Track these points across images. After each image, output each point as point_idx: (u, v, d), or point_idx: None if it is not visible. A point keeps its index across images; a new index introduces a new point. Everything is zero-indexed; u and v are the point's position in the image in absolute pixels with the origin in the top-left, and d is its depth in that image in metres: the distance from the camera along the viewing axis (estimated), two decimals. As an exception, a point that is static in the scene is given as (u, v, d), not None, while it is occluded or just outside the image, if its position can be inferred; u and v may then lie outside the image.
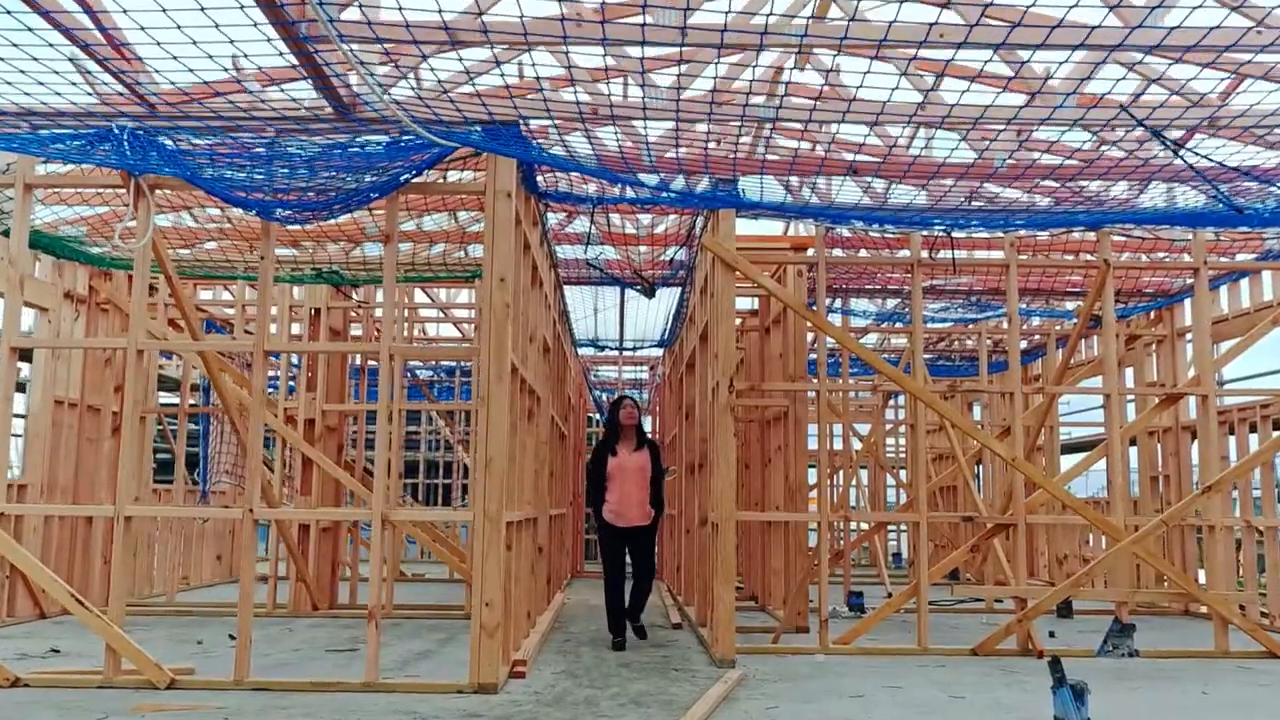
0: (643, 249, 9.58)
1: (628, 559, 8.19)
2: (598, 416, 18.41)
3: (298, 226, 6.51)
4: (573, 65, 5.70)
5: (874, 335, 14.57)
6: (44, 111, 6.00)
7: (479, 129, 6.03)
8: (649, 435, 8.33)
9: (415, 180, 6.21)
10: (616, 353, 15.70)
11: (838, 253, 9.14)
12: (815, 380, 8.13)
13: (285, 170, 6.12)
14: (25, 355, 10.13)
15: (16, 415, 10.42)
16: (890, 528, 18.98)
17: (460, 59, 5.71)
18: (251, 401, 6.12)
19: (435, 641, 8.11)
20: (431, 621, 9.43)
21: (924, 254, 8.25)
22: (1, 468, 6.11)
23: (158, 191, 6.36)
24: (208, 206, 8.72)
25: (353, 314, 10.86)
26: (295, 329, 10.67)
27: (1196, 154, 5.93)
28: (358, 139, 6.17)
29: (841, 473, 12.65)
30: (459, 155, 6.72)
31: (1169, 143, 6.04)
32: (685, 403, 11.16)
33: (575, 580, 14.89)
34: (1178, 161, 6.62)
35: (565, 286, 11.63)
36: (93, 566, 9.93)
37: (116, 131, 5.94)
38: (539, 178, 7.27)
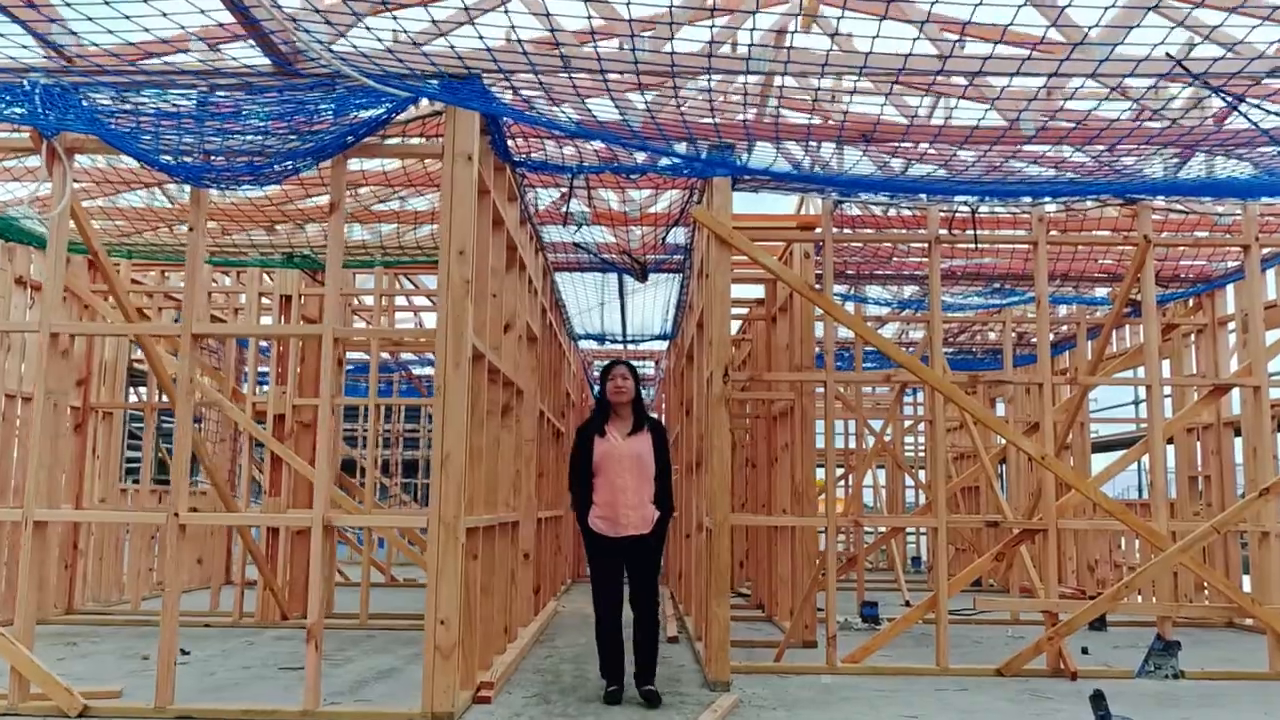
0: (639, 230, 8.83)
1: (626, 582, 6.05)
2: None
3: (229, 191, 5.79)
4: (555, 26, 4.99)
5: (892, 327, 13.78)
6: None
7: (434, 82, 5.32)
8: (652, 414, 6.50)
9: (364, 141, 5.49)
10: (620, 346, 14.97)
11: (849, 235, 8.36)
12: (821, 371, 7.35)
13: (215, 131, 5.41)
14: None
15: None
16: (909, 530, 18.15)
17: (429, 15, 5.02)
18: (177, 392, 5.42)
19: (404, 658, 7.39)
20: (410, 633, 8.71)
21: (942, 232, 7.46)
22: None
23: (77, 160, 5.73)
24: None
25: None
26: (267, 320, 9.99)
27: (1262, 109, 5.13)
28: (299, 96, 5.46)
29: (853, 473, 11.85)
30: (421, 117, 6.01)
31: (1228, 97, 5.26)
32: (686, 397, 10.41)
33: (576, 584, 14.17)
34: (1230, 125, 5.85)
35: (563, 276, 10.94)
36: (50, 573, 9.27)
37: (28, 87, 5.28)
38: (511, 143, 6.55)
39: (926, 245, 7.37)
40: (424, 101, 5.88)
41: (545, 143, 7.12)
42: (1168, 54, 5.13)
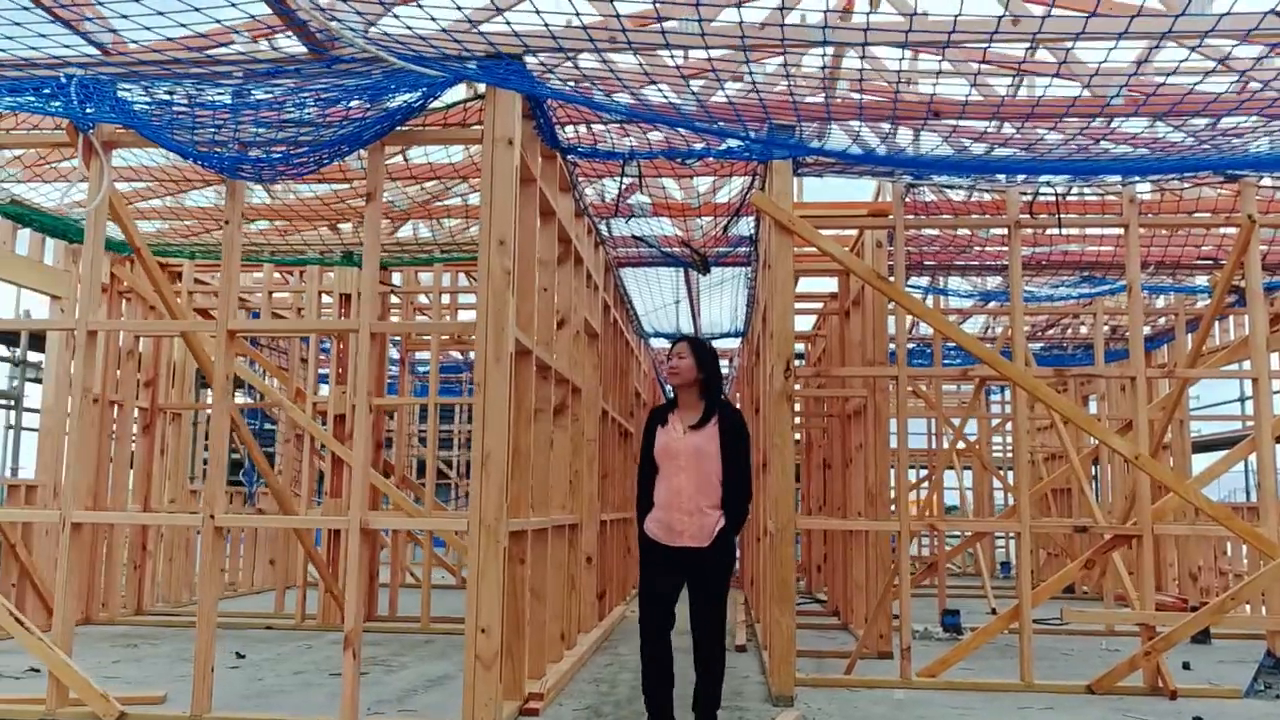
0: (702, 222, 8.49)
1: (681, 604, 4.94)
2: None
3: (265, 182, 5.62)
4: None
5: (977, 322, 13.17)
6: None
7: (472, 64, 5.06)
8: (727, 399, 5.08)
9: (400, 129, 5.26)
10: (693, 345, 14.62)
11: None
12: (893, 366, 6.92)
13: (252, 120, 5.25)
14: (38, 346, 9.61)
15: (30, 410, 9.97)
16: (999, 534, 17.43)
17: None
18: (214, 390, 5.26)
19: (460, 664, 7.12)
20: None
21: (1023, 216, 6.97)
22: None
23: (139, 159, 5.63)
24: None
25: (396, 298, 10.03)
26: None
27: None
28: (335, 83, 5.27)
29: (927, 474, 11.31)
30: (464, 101, 5.78)
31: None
32: (756, 395, 10.03)
33: (649, 589, 13.85)
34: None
35: (633, 273, 10.66)
36: (117, 573, 9.32)
37: (64, 80, 5.17)
38: (566, 134, 6.28)
39: (1006, 231, 6.89)
40: (463, 89, 5.66)
41: (599, 130, 6.87)
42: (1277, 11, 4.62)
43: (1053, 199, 7.04)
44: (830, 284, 10.91)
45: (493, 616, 4.92)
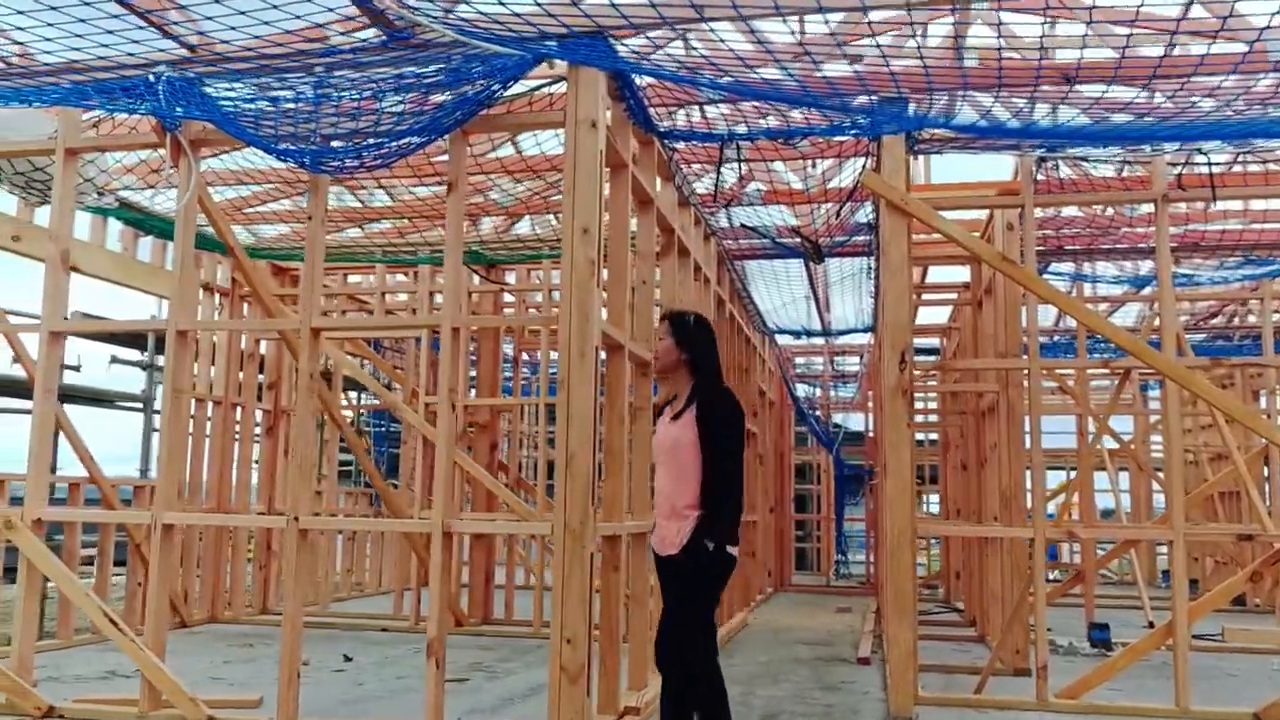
0: (825, 208, 8.02)
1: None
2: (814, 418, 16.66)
3: (347, 175, 5.49)
4: None
5: (1131, 310, 12.19)
6: (82, 66, 5.32)
7: (553, 42, 4.80)
8: (718, 382, 4.32)
9: (481, 114, 5.04)
10: (821, 340, 14.10)
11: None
12: (1024, 358, 6.34)
13: (333, 112, 5.12)
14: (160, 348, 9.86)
15: (155, 411, 10.25)
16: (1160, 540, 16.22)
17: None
18: (298, 388, 5.15)
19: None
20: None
21: (1170, 190, 6.28)
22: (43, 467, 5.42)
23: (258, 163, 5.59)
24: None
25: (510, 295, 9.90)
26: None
27: None
28: (416, 70, 5.10)
29: (1065, 475, 10.49)
30: (549, 81, 5.53)
31: None
32: (880, 391, 9.49)
33: (778, 595, 13.41)
34: None
35: (759, 267, 10.26)
36: (242, 573, 9.47)
37: (153, 79, 5.16)
38: (654, 112, 5.97)
39: (1152, 206, 6.22)
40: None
41: (713, 116, 6.53)
42: None
43: (1206, 171, 6.32)
44: (964, 273, 10.27)
45: (578, 626, 4.63)
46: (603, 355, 5.06)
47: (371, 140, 5.08)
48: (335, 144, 5.19)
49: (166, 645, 5.09)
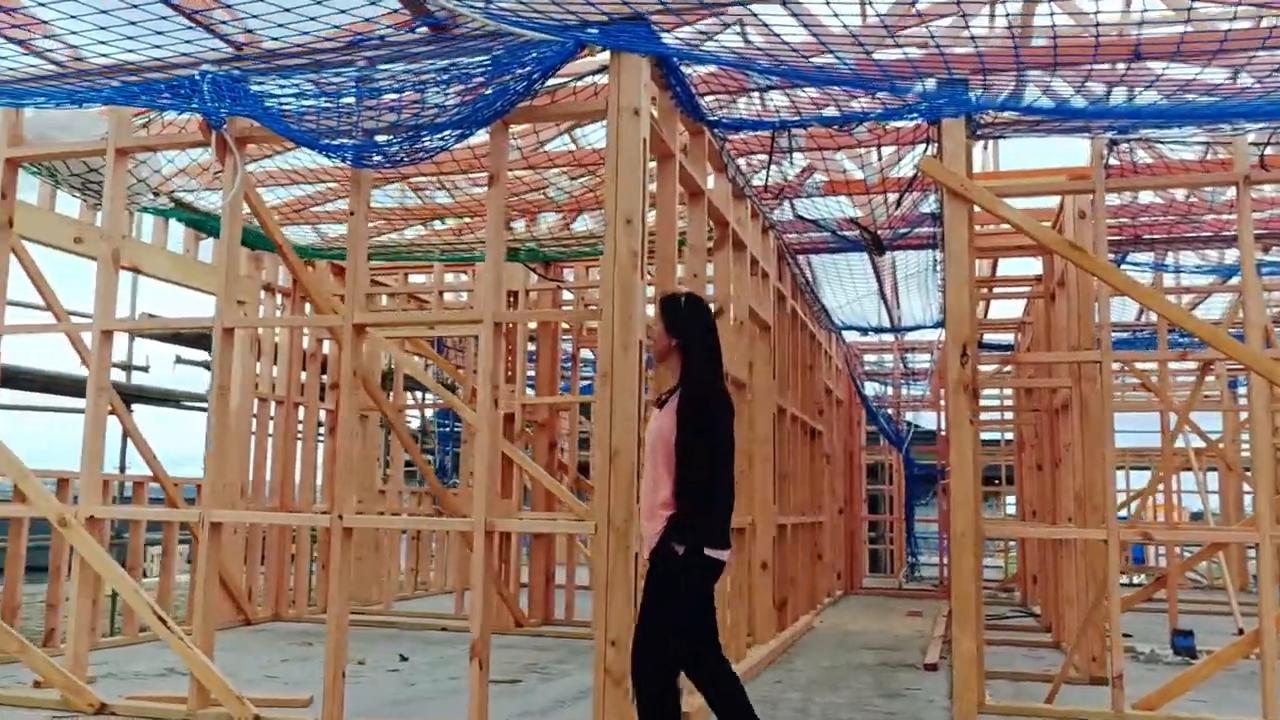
0: (890, 198, 7.76)
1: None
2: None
3: (389, 168, 5.43)
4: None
5: (1218, 301, 11.63)
6: (133, 66, 5.37)
7: (593, 29, 4.68)
8: (705, 367, 3.95)
9: (522, 105, 4.94)
10: (892, 337, 13.77)
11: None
12: (1096, 351, 6.03)
13: (374, 106, 5.07)
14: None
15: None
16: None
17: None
18: (342, 386, 5.11)
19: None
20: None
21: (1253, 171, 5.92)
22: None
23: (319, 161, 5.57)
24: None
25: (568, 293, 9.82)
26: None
27: None
28: (456, 61, 5.02)
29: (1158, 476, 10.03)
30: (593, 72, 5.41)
31: None
32: (950, 389, 9.18)
33: (848, 598, 13.12)
34: None
35: (825, 263, 10.05)
36: (305, 572, 9.54)
37: (198, 77, 5.17)
38: (709, 103, 5.81)
39: (1234, 189, 5.87)
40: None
41: (759, 103, 6.36)
42: None
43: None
44: (1037, 265, 9.90)
45: (623, 628, 4.50)
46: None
47: (412, 133, 5.01)
48: (377, 138, 5.13)
49: (228, 643, 5.11)
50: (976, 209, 5.85)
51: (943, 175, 5.41)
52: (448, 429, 13.03)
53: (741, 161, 7.02)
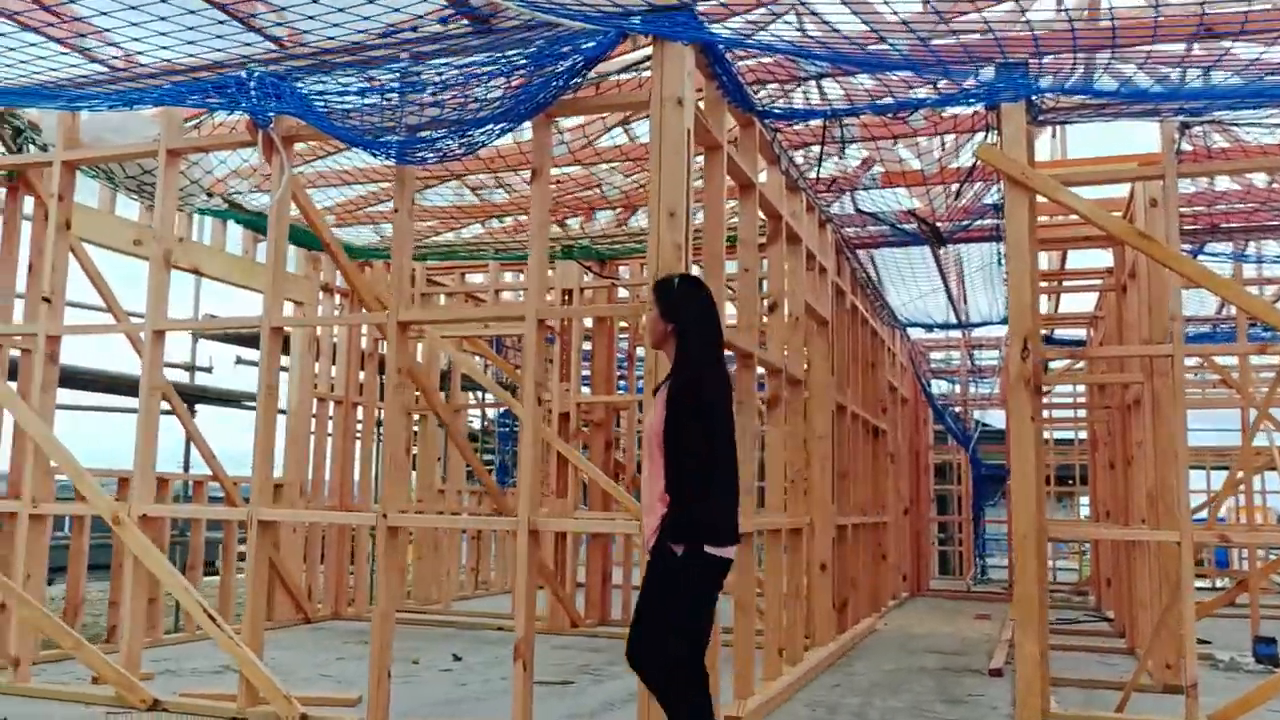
0: (944, 190, 7.55)
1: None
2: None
3: (434, 163, 5.38)
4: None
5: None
6: (183, 67, 5.41)
7: (635, 18, 4.58)
8: (699, 351, 3.71)
9: (564, 98, 4.86)
10: (959, 333, 13.45)
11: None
12: (1167, 344, 5.76)
13: (416, 103, 5.03)
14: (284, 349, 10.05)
15: (279, 411, 10.46)
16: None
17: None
18: (386, 384, 5.07)
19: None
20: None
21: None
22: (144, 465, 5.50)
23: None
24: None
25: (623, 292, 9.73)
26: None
27: None
28: (497, 55, 4.97)
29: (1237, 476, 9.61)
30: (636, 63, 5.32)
31: None
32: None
33: (914, 600, 12.84)
34: None
35: (890, 258, 9.83)
36: (364, 571, 9.59)
37: (245, 76, 5.19)
38: (763, 93, 5.68)
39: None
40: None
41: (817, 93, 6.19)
42: None
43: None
44: (1108, 258, 9.58)
45: (668, 630, 4.38)
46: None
47: (454, 128, 4.96)
48: (419, 134, 5.09)
49: (286, 641, 5.10)
50: (1040, 199, 5.65)
51: (1002, 162, 5.21)
52: (508, 429, 13.04)
53: (799, 155, 6.88)
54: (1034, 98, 5.33)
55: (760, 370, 6.29)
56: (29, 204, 6.51)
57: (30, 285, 6.31)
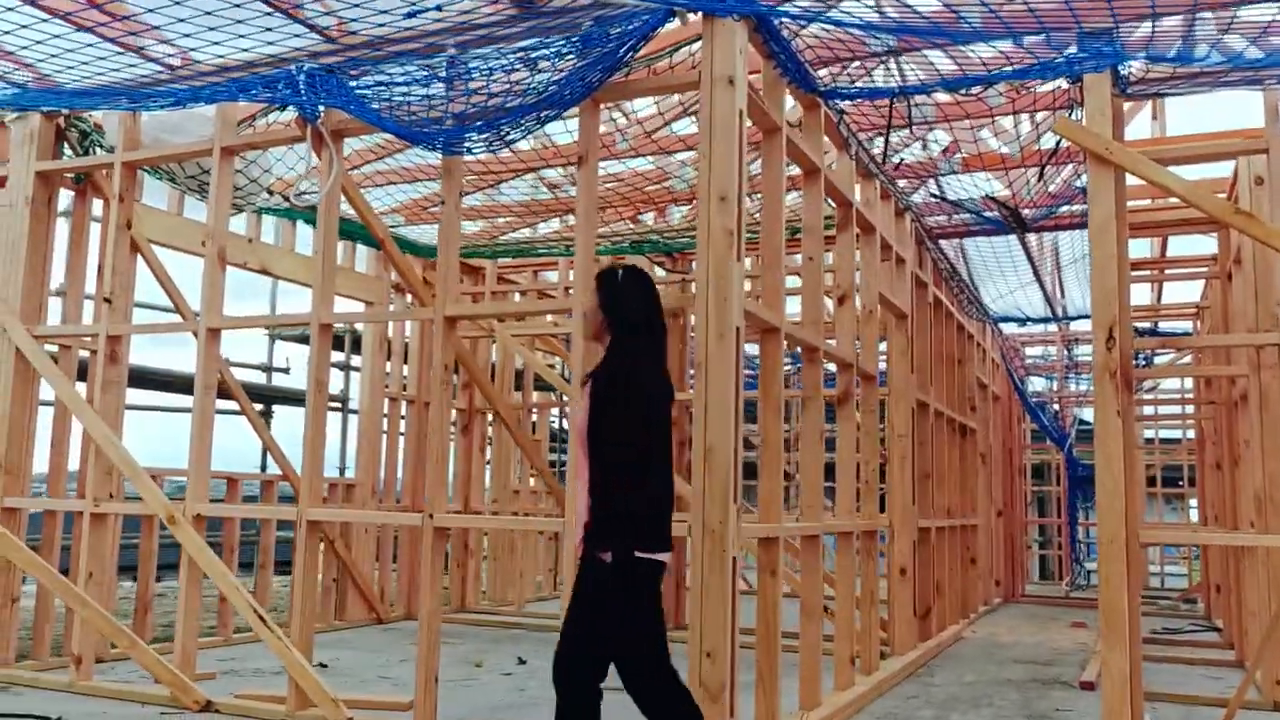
0: (1024, 174, 7.13)
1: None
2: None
3: (485, 152, 5.23)
4: None
5: None
6: (238, 63, 5.38)
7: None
8: (628, 342, 3.52)
9: (611, 80, 4.67)
10: (1055, 327, 12.86)
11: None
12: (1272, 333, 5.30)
13: (463, 92, 4.89)
14: (355, 348, 10.07)
15: (350, 411, 10.49)
16: None
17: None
18: (431, 380, 4.95)
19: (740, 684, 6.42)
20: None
21: None
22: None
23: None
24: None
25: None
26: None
27: None
28: (544, 39, 4.80)
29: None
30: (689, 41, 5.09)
31: None
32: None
33: (1007, 606, 12.30)
34: None
35: (972, 249, 9.42)
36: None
37: (294, 71, 5.12)
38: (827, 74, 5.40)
39: None
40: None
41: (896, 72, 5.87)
42: None
43: None
44: (1213, 244, 8.98)
45: (720, 639, 4.15)
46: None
47: (501, 116, 4.80)
48: (466, 124, 4.95)
49: (355, 641, 5.01)
50: (1134, 181, 5.25)
51: (1083, 137, 4.82)
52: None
53: (879, 142, 6.57)
54: (1120, 68, 4.94)
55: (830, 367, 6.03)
56: (97, 206, 6.59)
57: (98, 287, 6.37)
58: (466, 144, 4.95)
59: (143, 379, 9.71)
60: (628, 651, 3.37)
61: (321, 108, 5.17)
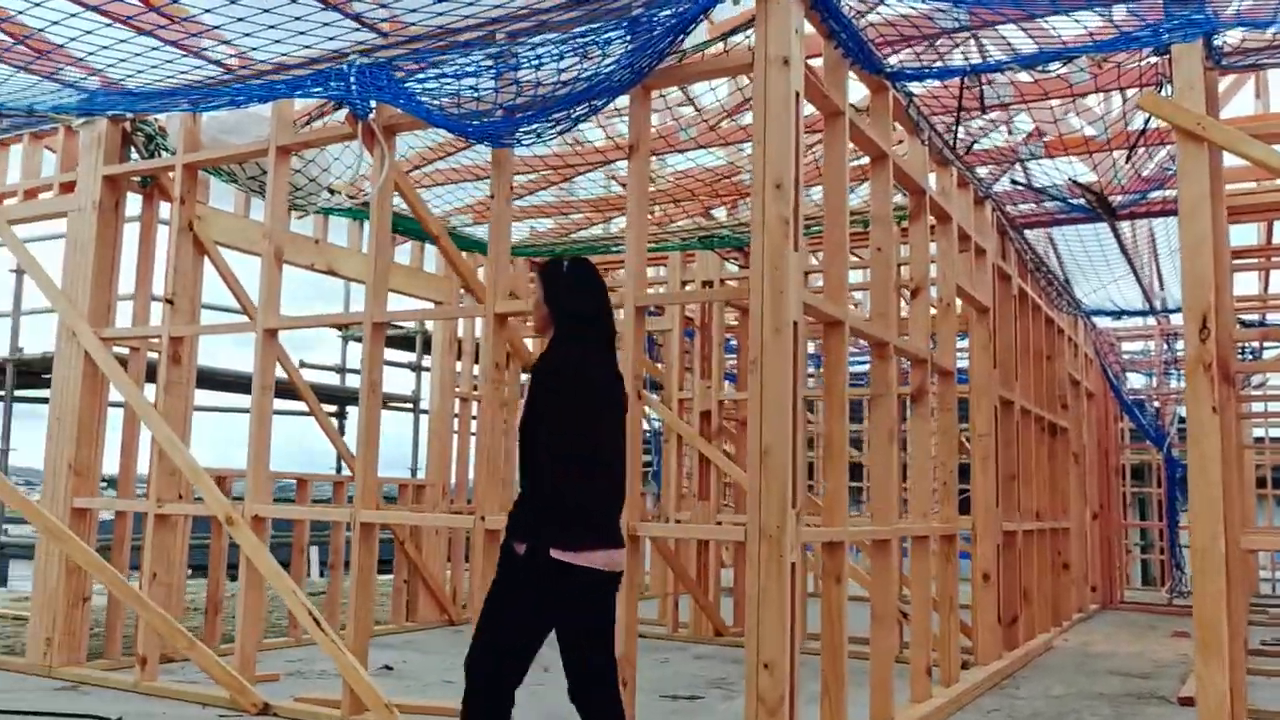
0: (1111, 158, 6.73)
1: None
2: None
3: (536, 142, 5.07)
4: None
5: None
6: (296, 62, 5.35)
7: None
8: (566, 335, 3.40)
9: (662, 66, 4.48)
10: (1153, 320, 12.25)
11: None
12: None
13: (512, 82, 4.77)
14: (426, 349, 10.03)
15: (422, 412, 10.46)
16: None
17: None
18: (482, 380, 4.82)
19: (806, 696, 6.17)
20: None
21: None
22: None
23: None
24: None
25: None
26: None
27: None
28: (592, 26, 4.64)
29: None
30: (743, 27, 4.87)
31: None
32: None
33: (1103, 613, 11.74)
34: None
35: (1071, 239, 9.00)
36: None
37: (345, 68, 5.06)
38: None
39: None
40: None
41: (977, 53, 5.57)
42: None
43: None
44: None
45: (778, 649, 3.94)
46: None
47: (552, 105, 4.66)
48: (516, 115, 4.82)
49: (424, 644, 4.93)
50: (1232, 162, 4.88)
51: (1172, 112, 4.48)
52: (650, 431, 12.72)
53: (960, 130, 6.25)
54: (1213, 38, 4.58)
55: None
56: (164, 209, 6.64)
57: (167, 288, 6.42)
58: (519, 134, 4.81)
59: (222, 381, 9.85)
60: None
61: (373, 103, 5.10)
